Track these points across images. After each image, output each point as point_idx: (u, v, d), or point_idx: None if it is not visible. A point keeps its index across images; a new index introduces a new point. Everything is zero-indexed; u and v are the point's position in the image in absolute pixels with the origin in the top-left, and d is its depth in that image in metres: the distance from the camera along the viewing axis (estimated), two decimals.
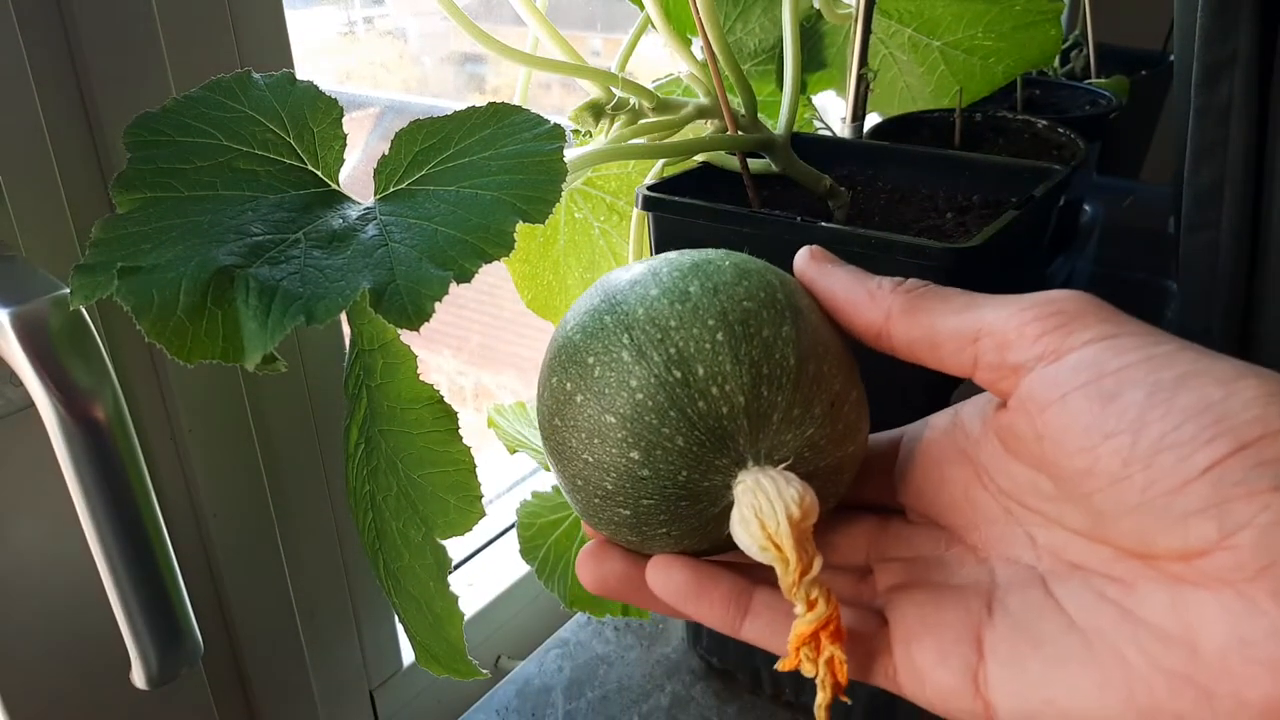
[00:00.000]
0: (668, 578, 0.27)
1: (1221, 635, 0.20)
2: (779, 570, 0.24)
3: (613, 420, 0.24)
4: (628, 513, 0.25)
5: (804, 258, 0.29)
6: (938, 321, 0.25)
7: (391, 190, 0.31)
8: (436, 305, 0.27)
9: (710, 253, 0.27)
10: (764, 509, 0.24)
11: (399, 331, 0.35)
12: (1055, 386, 0.23)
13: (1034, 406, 0.23)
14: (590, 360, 0.25)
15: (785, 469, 0.24)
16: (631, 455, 0.24)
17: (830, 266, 0.28)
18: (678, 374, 0.24)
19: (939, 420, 0.29)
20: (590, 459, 0.25)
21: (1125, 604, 0.22)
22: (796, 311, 0.26)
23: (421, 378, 0.36)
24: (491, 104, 0.32)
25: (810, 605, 0.24)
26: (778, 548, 0.24)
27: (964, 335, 0.25)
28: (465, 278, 0.28)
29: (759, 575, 0.27)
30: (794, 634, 0.24)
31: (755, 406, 0.24)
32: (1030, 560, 0.25)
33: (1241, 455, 0.20)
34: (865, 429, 0.27)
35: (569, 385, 0.25)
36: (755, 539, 0.24)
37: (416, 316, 0.27)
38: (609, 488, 0.25)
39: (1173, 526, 0.20)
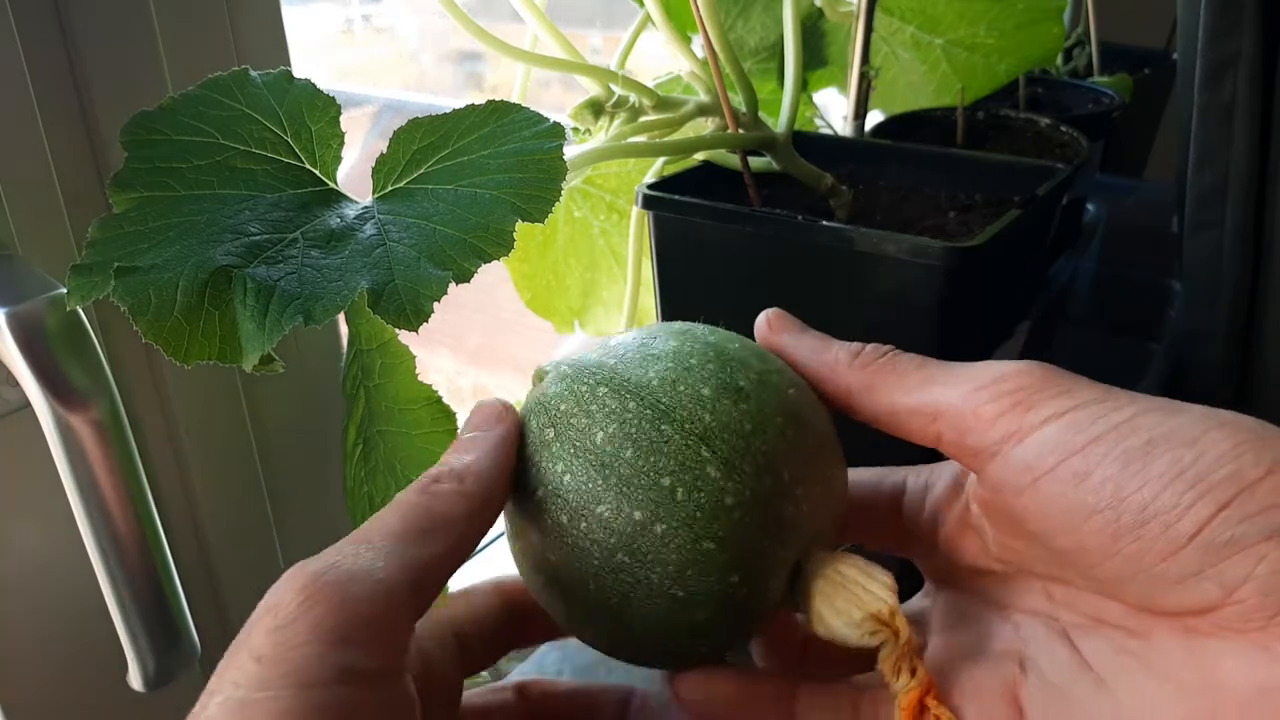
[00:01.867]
0: (709, 692, 0.26)
1: (1243, 686, 0.20)
2: (887, 648, 0.23)
3: (712, 546, 0.22)
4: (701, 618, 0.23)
5: (762, 328, 0.29)
6: (896, 400, 0.25)
7: (389, 189, 0.31)
8: (435, 305, 0.27)
9: (702, 334, 0.27)
10: (863, 594, 0.23)
11: (397, 331, 0.35)
12: (1025, 472, 0.22)
13: (1008, 492, 0.23)
14: (667, 482, 0.22)
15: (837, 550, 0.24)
16: (732, 579, 0.22)
17: (787, 338, 0.28)
18: (768, 481, 0.23)
19: (939, 479, 0.28)
20: (681, 593, 0.22)
21: (1146, 657, 0.22)
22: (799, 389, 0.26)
23: (420, 378, 0.36)
24: (490, 102, 0.32)
25: (913, 673, 0.24)
26: (887, 626, 0.23)
27: (923, 415, 0.25)
28: (464, 278, 0.28)
29: (779, 678, 0.27)
30: (906, 703, 0.24)
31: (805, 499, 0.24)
32: (1050, 612, 0.25)
33: (1224, 515, 0.20)
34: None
35: (639, 514, 0.22)
36: (860, 624, 0.23)
37: (415, 317, 0.27)
38: (699, 619, 0.23)
39: (1174, 590, 0.21)
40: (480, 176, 0.29)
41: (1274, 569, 0.19)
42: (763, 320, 0.29)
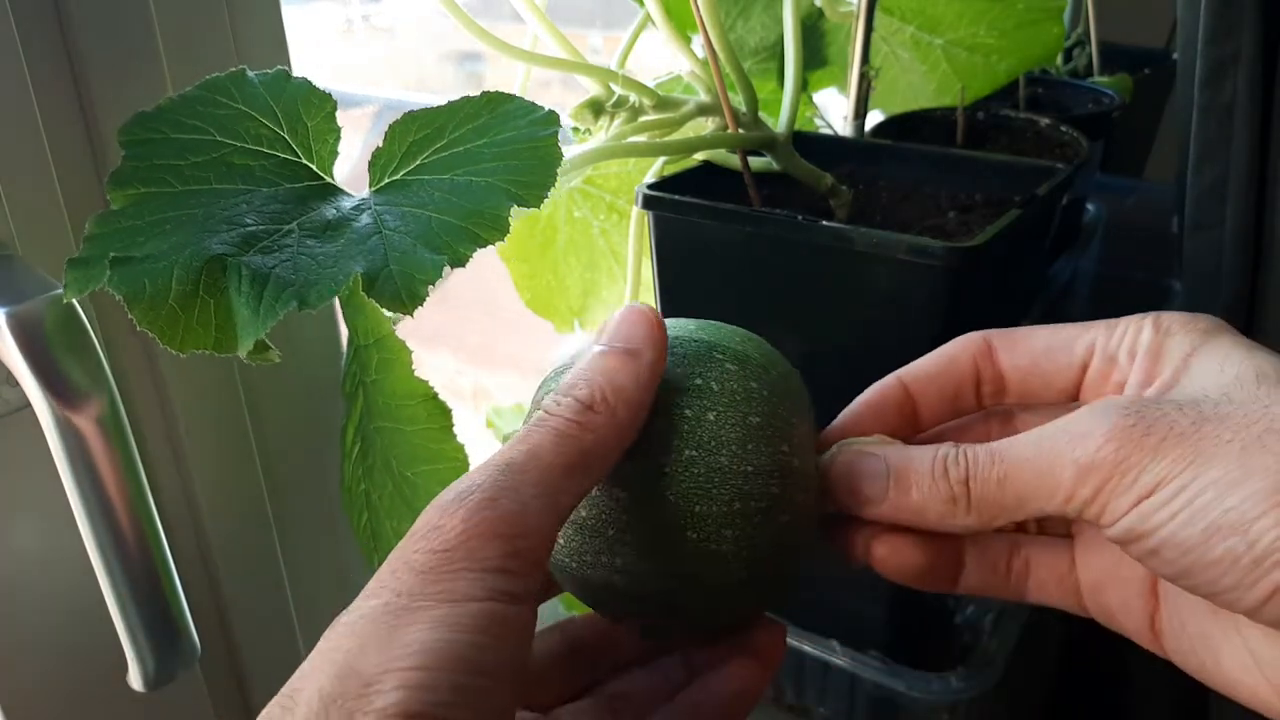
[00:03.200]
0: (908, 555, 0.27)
1: None
2: None
3: (758, 420, 0.26)
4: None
5: (845, 498, 0.27)
6: (1011, 518, 0.25)
7: (386, 181, 0.31)
8: (430, 289, 0.27)
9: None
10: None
11: (394, 326, 0.35)
12: (1120, 544, 0.24)
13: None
14: (715, 386, 0.26)
15: None
16: (783, 447, 0.26)
17: (876, 509, 0.27)
18: (781, 390, 0.27)
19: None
20: (749, 468, 0.25)
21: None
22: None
23: (418, 375, 0.36)
24: (485, 93, 0.32)
25: None
26: None
27: (1042, 517, 0.26)
28: (459, 262, 0.28)
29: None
30: None
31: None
32: None
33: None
34: None
35: (690, 411, 0.26)
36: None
37: (410, 300, 0.27)
38: (774, 490, 0.25)
39: None
40: (475, 165, 0.30)
41: None
42: (847, 493, 0.27)
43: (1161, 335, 0.26)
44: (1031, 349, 0.28)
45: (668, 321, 0.27)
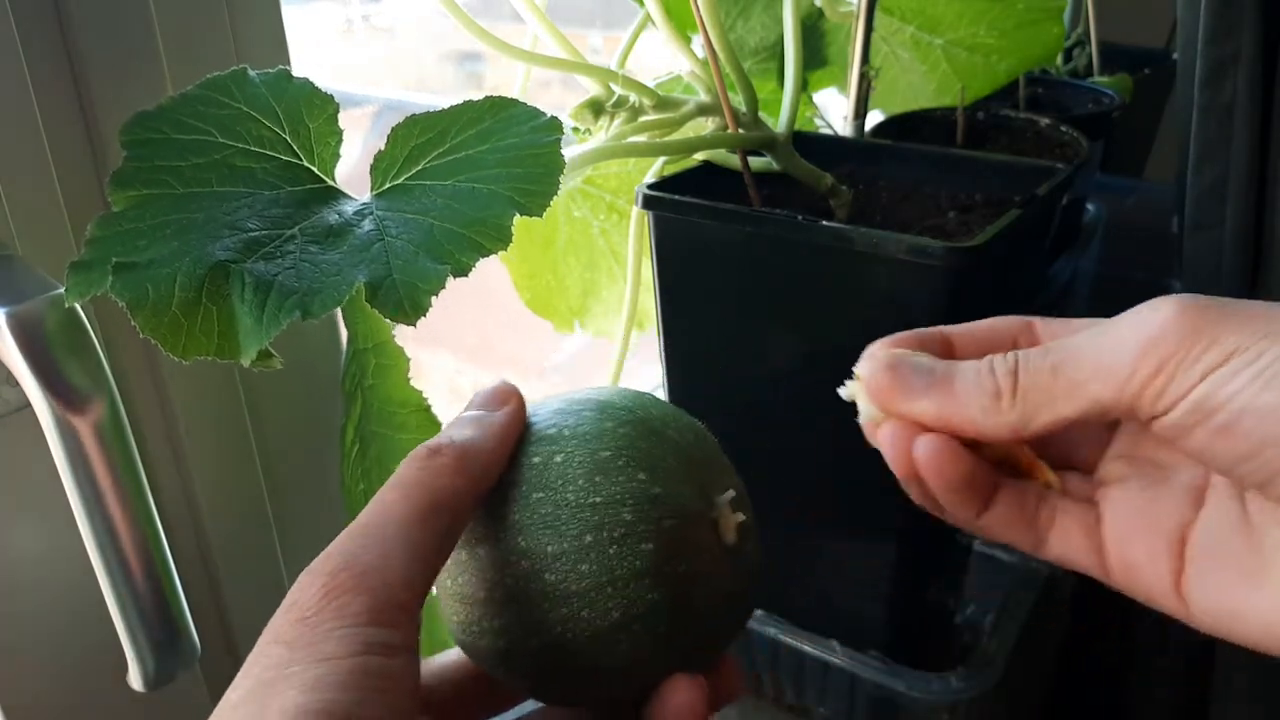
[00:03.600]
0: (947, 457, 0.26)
1: None
2: None
3: (607, 454, 0.25)
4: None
5: (881, 392, 0.27)
6: (1062, 414, 0.24)
7: (388, 186, 0.31)
8: (433, 299, 0.27)
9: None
10: None
11: (393, 331, 0.35)
12: (1187, 432, 0.23)
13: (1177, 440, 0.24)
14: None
15: None
16: (640, 476, 0.25)
17: (916, 402, 0.26)
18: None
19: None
20: (599, 498, 0.25)
21: None
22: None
23: (418, 377, 0.36)
24: (488, 97, 0.32)
25: None
26: None
27: (1091, 415, 0.24)
28: (462, 271, 0.28)
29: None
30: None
31: None
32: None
33: None
34: None
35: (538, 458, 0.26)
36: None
37: (413, 310, 0.27)
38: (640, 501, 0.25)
39: None
40: (478, 171, 0.29)
41: None
42: (877, 387, 0.27)
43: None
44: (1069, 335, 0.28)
45: (571, 392, 0.28)
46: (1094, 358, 0.24)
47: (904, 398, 0.26)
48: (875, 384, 0.26)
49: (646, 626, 0.24)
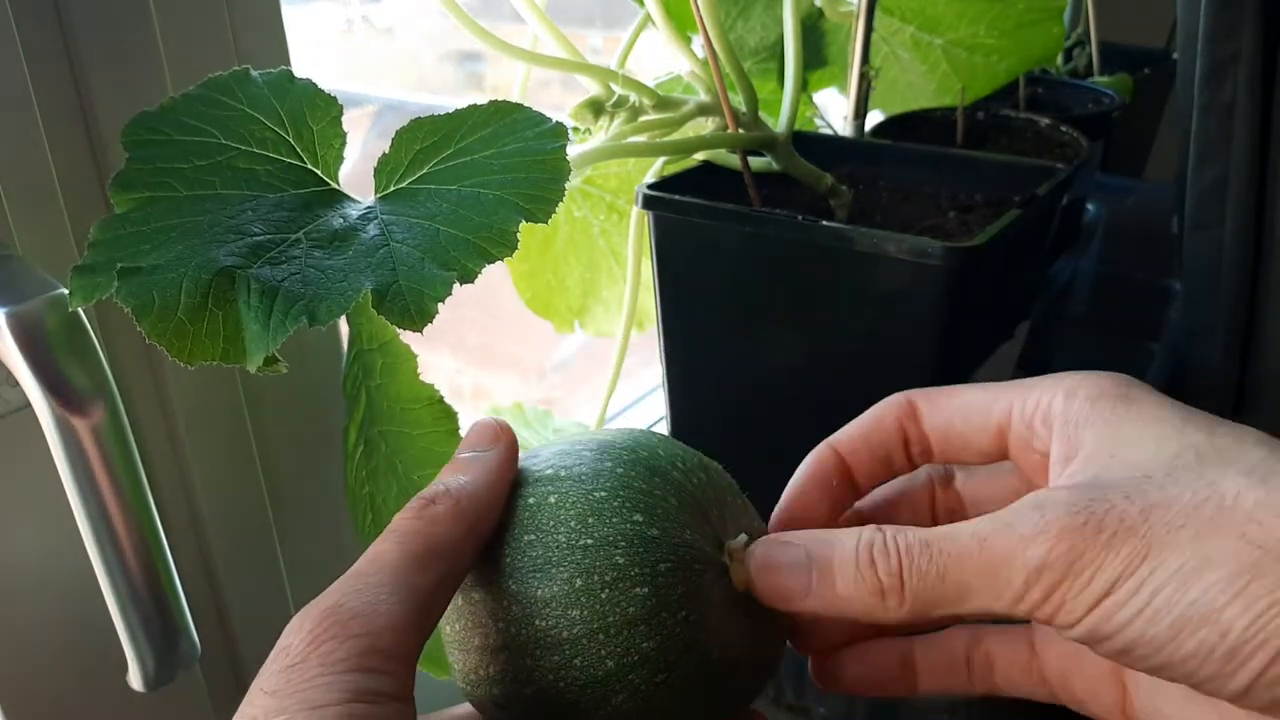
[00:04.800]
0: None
1: None
2: None
3: (603, 494, 0.25)
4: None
5: (767, 597, 0.25)
6: (952, 613, 0.24)
7: (392, 189, 0.31)
8: (440, 306, 0.27)
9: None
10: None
11: (398, 331, 0.35)
12: (1088, 643, 0.23)
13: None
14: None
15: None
16: (635, 517, 0.24)
17: (801, 604, 0.25)
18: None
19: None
20: (590, 541, 0.24)
21: None
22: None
23: (420, 377, 0.36)
24: (493, 102, 0.32)
25: None
26: None
27: (985, 616, 0.24)
28: (469, 278, 0.28)
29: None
30: None
31: None
32: None
33: (1264, 680, 0.20)
34: None
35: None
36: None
37: (420, 317, 0.27)
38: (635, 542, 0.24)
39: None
40: (483, 177, 0.29)
41: None
42: (767, 590, 0.25)
43: (1076, 403, 0.25)
44: (950, 411, 0.28)
45: (577, 434, 0.27)
46: (980, 575, 0.23)
47: (790, 601, 0.24)
48: (758, 589, 0.25)
49: (644, 678, 0.23)
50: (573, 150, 0.39)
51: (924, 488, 0.30)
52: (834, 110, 0.67)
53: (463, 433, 0.36)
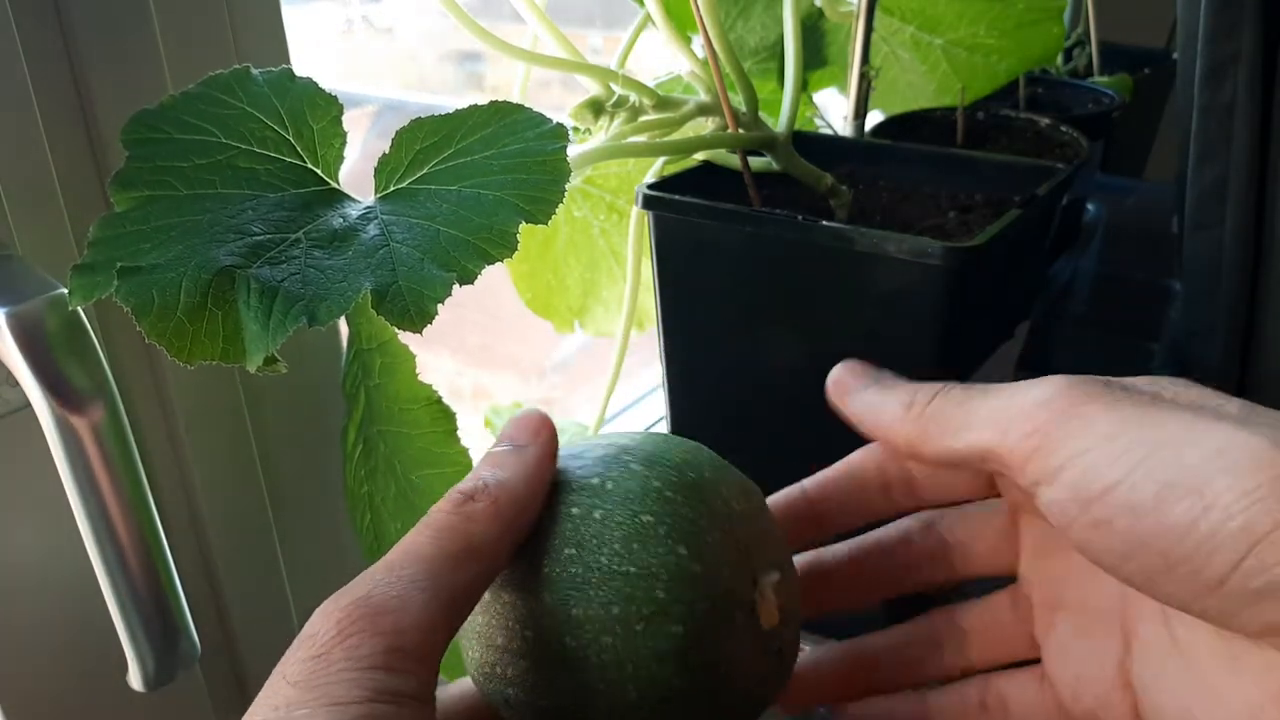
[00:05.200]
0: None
1: None
2: None
3: (649, 519, 0.24)
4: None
5: (830, 389, 0.29)
6: (948, 445, 0.25)
7: (392, 189, 0.31)
8: (439, 307, 0.27)
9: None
10: None
11: (397, 331, 0.35)
12: (1057, 514, 0.22)
13: (1051, 522, 0.23)
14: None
15: None
16: (680, 549, 0.24)
17: (851, 400, 0.29)
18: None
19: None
20: (633, 569, 0.24)
21: (1233, 657, 0.22)
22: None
23: (419, 377, 0.36)
24: (493, 102, 0.32)
25: None
26: None
27: (974, 457, 0.25)
28: (468, 279, 0.28)
29: None
30: None
31: None
32: None
33: (1244, 567, 0.19)
34: None
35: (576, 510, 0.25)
36: None
37: (419, 318, 0.27)
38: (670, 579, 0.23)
39: (1237, 619, 0.20)
40: (483, 177, 0.29)
41: None
42: (833, 381, 0.29)
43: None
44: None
45: (621, 434, 0.27)
46: (988, 406, 0.24)
47: (847, 392, 0.28)
48: (833, 378, 0.29)
49: (662, 712, 0.23)
50: (573, 150, 0.39)
51: (902, 541, 0.30)
52: (834, 110, 0.67)
53: (461, 434, 0.36)
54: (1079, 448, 0.22)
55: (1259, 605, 0.19)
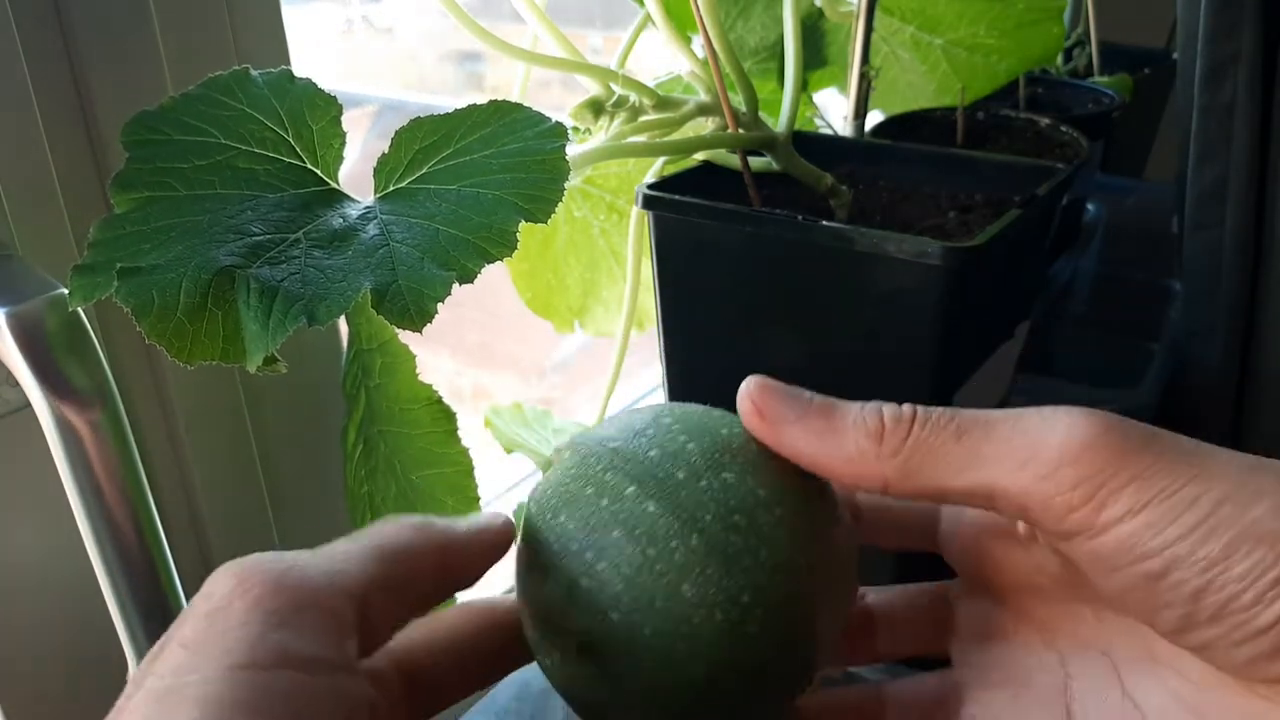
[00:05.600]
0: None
1: None
2: None
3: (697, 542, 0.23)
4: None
5: (751, 418, 0.24)
6: (944, 483, 0.22)
7: (392, 189, 0.31)
8: (439, 306, 0.27)
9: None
10: None
11: (398, 331, 0.35)
12: (1098, 563, 0.21)
13: (1080, 568, 0.22)
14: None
15: None
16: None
17: (784, 428, 0.23)
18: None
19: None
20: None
21: (1203, 712, 0.21)
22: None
23: (419, 377, 0.36)
24: (493, 102, 0.32)
25: None
26: None
27: (978, 496, 0.22)
28: (468, 278, 0.28)
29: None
30: None
31: None
32: (1103, 644, 0.24)
33: None
34: None
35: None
36: None
37: (419, 317, 0.27)
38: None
39: (1243, 667, 0.20)
40: (483, 177, 0.29)
41: None
42: (749, 406, 0.24)
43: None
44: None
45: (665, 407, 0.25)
46: (1008, 437, 0.21)
47: (777, 424, 0.23)
48: (743, 408, 0.24)
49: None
50: (572, 150, 0.39)
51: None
52: (834, 110, 0.67)
53: (461, 434, 0.36)
54: (1136, 502, 0.20)
55: None
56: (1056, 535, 0.22)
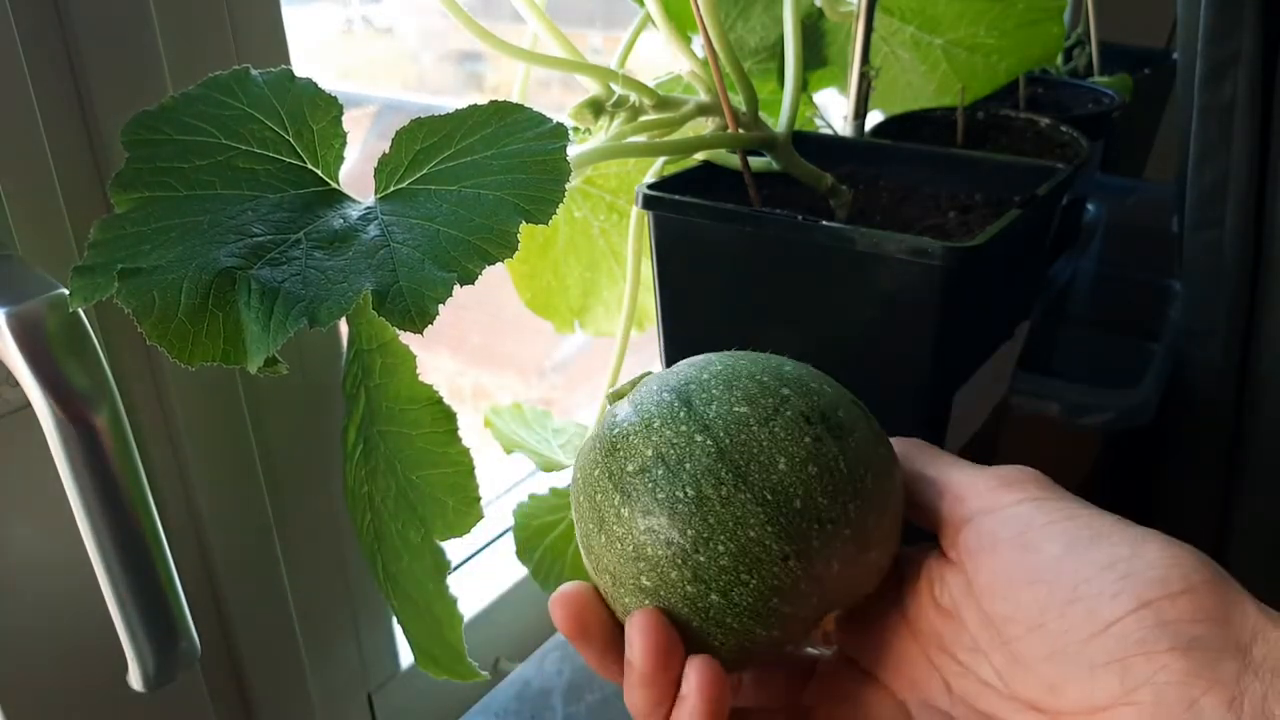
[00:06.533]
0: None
1: None
2: None
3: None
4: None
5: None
6: (924, 471, 0.29)
7: (392, 189, 0.31)
8: (440, 307, 0.27)
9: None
10: None
11: (398, 331, 0.35)
12: (989, 535, 0.26)
13: (968, 554, 0.26)
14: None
15: None
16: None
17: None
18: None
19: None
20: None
21: None
22: None
23: (420, 377, 0.36)
24: (493, 102, 0.32)
25: None
26: None
27: (935, 491, 0.28)
28: (469, 279, 0.28)
29: None
30: None
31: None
32: (945, 706, 0.28)
33: (1142, 613, 0.21)
34: None
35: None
36: None
37: (420, 318, 0.27)
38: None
39: (1081, 676, 0.22)
40: (483, 177, 0.29)
41: (1172, 679, 0.21)
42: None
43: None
44: None
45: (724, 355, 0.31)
46: (967, 466, 0.29)
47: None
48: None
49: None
50: (573, 150, 0.39)
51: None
52: (834, 110, 0.67)
53: (462, 434, 0.36)
54: (1033, 495, 0.26)
55: (1121, 663, 0.21)
56: (968, 516, 0.27)
